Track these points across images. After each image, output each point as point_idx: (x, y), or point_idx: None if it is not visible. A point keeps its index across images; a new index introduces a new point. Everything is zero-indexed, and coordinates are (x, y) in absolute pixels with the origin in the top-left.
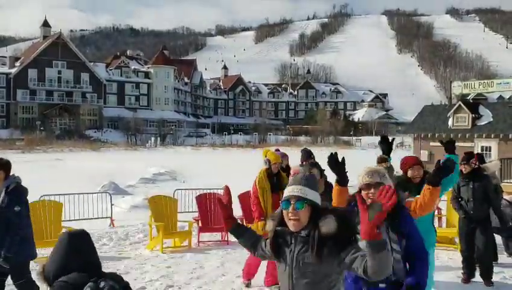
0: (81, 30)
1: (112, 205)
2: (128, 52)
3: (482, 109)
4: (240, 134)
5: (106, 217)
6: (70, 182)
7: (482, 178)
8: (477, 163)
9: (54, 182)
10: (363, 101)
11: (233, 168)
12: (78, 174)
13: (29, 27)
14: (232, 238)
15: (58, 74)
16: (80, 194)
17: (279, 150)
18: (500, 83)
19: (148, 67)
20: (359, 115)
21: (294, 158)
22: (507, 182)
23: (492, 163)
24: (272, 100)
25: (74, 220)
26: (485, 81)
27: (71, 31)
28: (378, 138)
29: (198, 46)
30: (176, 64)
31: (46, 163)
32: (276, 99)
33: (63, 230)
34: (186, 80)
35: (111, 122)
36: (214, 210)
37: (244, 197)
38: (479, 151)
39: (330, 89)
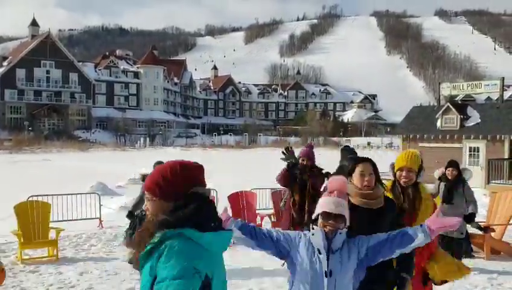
0: (70, 30)
1: (100, 205)
2: (117, 52)
3: (470, 110)
4: (230, 135)
5: (95, 218)
6: (59, 183)
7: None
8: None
9: (42, 183)
10: (352, 102)
11: (223, 169)
12: (66, 174)
13: (17, 26)
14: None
15: (47, 73)
16: (69, 195)
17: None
18: (488, 85)
19: (138, 67)
20: (348, 115)
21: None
22: (494, 183)
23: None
24: (262, 101)
25: (63, 221)
26: (473, 82)
27: (60, 30)
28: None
29: (188, 46)
30: (165, 65)
31: (35, 163)
32: (266, 100)
33: (51, 231)
34: (175, 80)
35: (100, 122)
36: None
37: (233, 199)
38: (467, 152)
39: (320, 90)
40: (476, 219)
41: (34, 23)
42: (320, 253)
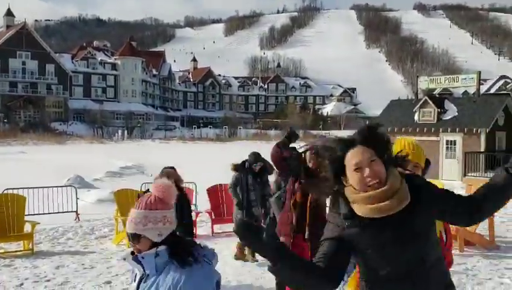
0: (46, 20)
1: (77, 198)
2: (94, 43)
3: (448, 104)
4: (210, 127)
5: (71, 211)
6: (35, 176)
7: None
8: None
9: (17, 176)
10: (331, 95)
11: (203, 162)
12: (42, 167)
13: None
14: (200, 231)
15: (22, 64)
16: (45, 188)
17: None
18: (465, 78)
19: (115, 59)
20: (328, 109)
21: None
22: (471, 176)
23: None
24: (242, 94)
25: (38, 214)
26: (451, 76)
27: (36, 20)
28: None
29: (167, 37)
30: (143, 56)
31: (10, 156)
32: (246, 93)
33: (26, 224)
34: (154, 72)
35: (77, 114)
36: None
37: (213, 192)
38: (444, 145)
39: (300, 83)
40: None
41: (9, 13)
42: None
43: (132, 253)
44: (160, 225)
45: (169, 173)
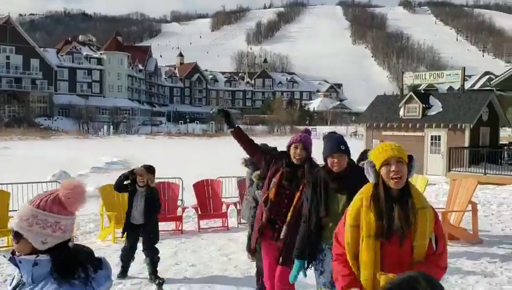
0: (31, 14)
1: None
2: (80, 38)
3: (432, 100)
4: (196, 123)
5: None
6: (19, 171)
7: None
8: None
9: (1, 171)
10: (318, 91)
11: (189, 158)
12: (27, 163)
13: None
14: (186, 227)
15: (7, 59)
16: (29, 183)
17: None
18: (450, 74)
19: (101, 54)
20: (314, 104)
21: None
22: (455, 171)
23: None
24: (228, 89)
25: None
26: (436, 72)
27: (20, 15)
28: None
29: (153, 32)
30: (129, 51)
31: None
32: (233, 88)
33: (11, 220)
34: (140, 67)
35: (62, 109)
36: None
37: (199, 187)
38: (429, 140)
39: (287, 79)
40: (437, 206)
41: None
42: None
43: (13, 252)
44: (49, 231)
45: (140, 171)
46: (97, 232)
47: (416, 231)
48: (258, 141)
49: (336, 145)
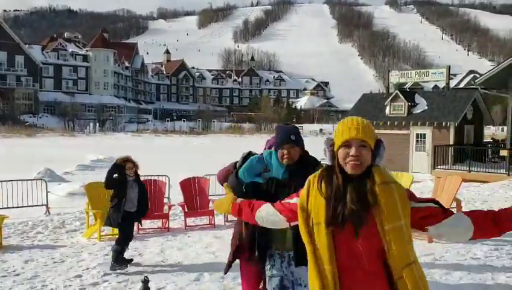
0: (16, 10)
1: (47, 192)
2: (65, 34)
3: (418, 98)
4: (183, 120)
5: (41, 205)
6: (4, 169)
7: None
8: None
9: None
10: (305, 89)
11: (176, 156)
12: (12, 160)
13: None
14: (172, 225)
15: None
16: (14, 181)
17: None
18: (435, 73)
19: (87, 50)
20: (301, 102)
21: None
22: (440, 168)
23: None
24: (216, 87)
25: (7, 207)
26: (421, 70)
27: (5, 11)
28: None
29: (140, 29)
30: (115, 48)
31: None
32: (220, 86)
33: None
34: (126, 64)
35: (47, 107)
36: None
37: (186, 185)
38: (415, 138)
39: (274, 77)
40: None
41: None
42: None
43: None
44: None
45: (120, 160)
46: (83, 230)
47: (383, 211)
48: (246, 140)
49: (286, 136)
